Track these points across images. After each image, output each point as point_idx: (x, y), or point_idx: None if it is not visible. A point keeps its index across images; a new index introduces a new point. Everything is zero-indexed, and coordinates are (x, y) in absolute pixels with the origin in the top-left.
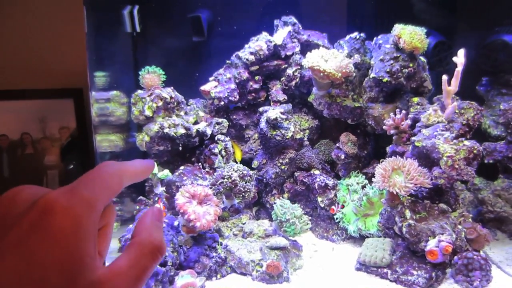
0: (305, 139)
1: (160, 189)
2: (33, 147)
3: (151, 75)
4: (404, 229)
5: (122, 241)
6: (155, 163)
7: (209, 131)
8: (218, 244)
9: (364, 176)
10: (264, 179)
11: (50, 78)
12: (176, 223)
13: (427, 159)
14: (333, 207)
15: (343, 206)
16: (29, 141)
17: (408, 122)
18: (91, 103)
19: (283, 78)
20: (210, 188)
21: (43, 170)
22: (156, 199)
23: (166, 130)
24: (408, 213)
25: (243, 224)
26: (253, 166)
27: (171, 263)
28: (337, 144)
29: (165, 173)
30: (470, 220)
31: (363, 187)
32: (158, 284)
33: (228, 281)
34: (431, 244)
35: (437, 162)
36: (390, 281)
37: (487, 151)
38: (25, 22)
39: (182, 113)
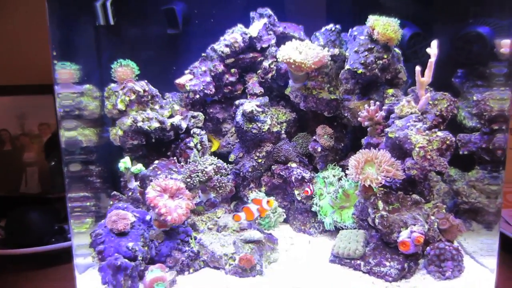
0: (283, 132)
1: (134, 184)
2: (12, 144)
3: (124, 68)
4: (376, 220)
5: (92, 236)
6: (129, 158)
7: (184, 125)
8: (192, 239)
9: (340, 169)
10: (241, 173)
11: (29, 73)
12: (148, 218)
13: (400, 150)
14: (306, 189)
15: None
16: (8, 138)
17: (383, 113)
18: (56, 97)
19: (259, 71)
20: (185, 182)
21: (22, 167)
22: (130, 193)
23: (139, 124)
24: (380, 204)
25: (218, 218)
26: (230, 159)
27: (142, 258)
28: (314, 137)
29: (139, 168)
30: (443, 211)
31: (339, 179)
32: (128, 279)
33: (201, 275)
34: (403, 235)
35: (410, 153)
36: (363, 272)
37: (462, 142)
38: (2, 18)
39: (157, 106)
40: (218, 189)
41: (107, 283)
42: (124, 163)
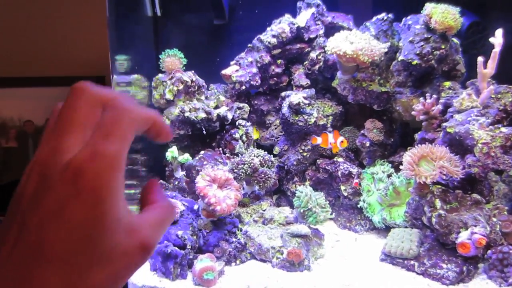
0: (329, 125)
1: (180, 173)
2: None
3: (172, 58)
4: (433, 220)
5: None
6: (176, 147)
7: (230, 116)
8: (238, 230)
9: (390, 165)
10: (286, 166)
11: (74, 65)
12: (195, 207)
13: (460, 146)
14: (356, 180)
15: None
16: (32, 129)
17: (439, 107)
18: (113, 87)
19: (306, 62)
20: (230, 173)
21: None
22: (176, 182)
23: (187, 114)
24: (438, 203)
25: (264, 210)
26: (274, 152)
27: (190, 246)
28: (362, 131)
29: (186, 157)
30: (505, 212)
31: (389, 176)
32: (177, 267)
33: (248, 267)
34: (463, 236)
35: (471, 150)
36: (417, 273)
37: None
38: (47, 8)
39: (202, 97)
40: (263, 181)
41: (156, 270)
42: (172, 152)
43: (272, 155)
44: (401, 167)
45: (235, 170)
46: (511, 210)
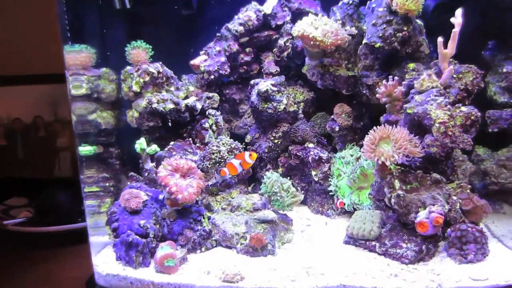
0: (300, 112)
1: (150, 165)
2: (46, 130)
3: (137, 50)
4: (392, 200)
5: (108, 214)
6: (145, 139)
7: (199, 106)
8: (204, 218)
9: (358, 148)
10: (258, 154)
11: (61, 63)
12: (161, 197)
13: (420, 127)
14: (340, 201)
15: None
16: (42, 124)
17: (402, 89)
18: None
19: (275, 50)
20: (200, 162)
21: (56, 152)
22: (146, 174)
23: (154, 105)
24: (397, 184)
25: (233, 198)
26: (246, 140)
27: (153, 235)
28: (332, 116)
29: (154, 148)
30: (468, 191)
31: (358, 159)
32: (139, 255)
33: (212, 254)
34: (421, 215)
35: (430, 130)
36: (379, 254)
37: (492, 119)
38: (30, 8)
39: (172, 88)
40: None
41: (120, 259)
42: (140, 144)
43: (245, 144)
44: (361, 149)
45: (204, 160)
46: (480, 189)
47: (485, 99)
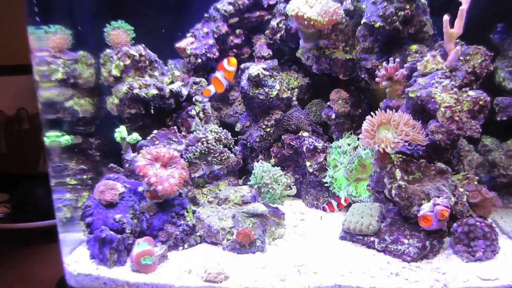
0: (294, 98)
1: (131, 155)
2: (30, 122)
3: (117, 31)
4: (393, 192)
5: (82, 208)
6: (125, 127)
7: (184, 91)
8: (188, 212)
9: (356, 137)
10: (249, 143)
11: None
12: (140, 189)
13: (423, 113)
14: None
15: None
16: (26, 117)
17: (404, 71)
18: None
19: (267, 31)
20: (185, 152)
21: (41, 145)
22: (127, 165)
23: (136, 91)
24: (398, 174)
25: (220, 191)
26: (236, 129)
27: (130, 231)
28: (328, 103)
29: (134, 137)
30: (475, 182)
31: (355, 148)
32: (114, 253)
33: (195, 251)
34: (425, 208)
35: (434, 115)
36: (378, 250)
37: (501, 106)
38: None
39: (156, 73)
40: (220, 158)
41: (94, 257)
42: (119, 132)
43: (235, 133)
44: (359, 136)
45: (189, 149)
46: (487, 182)
47: (493, 86)
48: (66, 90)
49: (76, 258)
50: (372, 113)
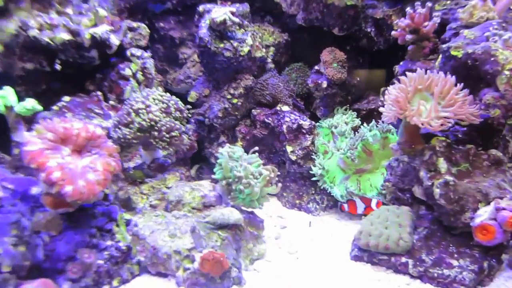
0: (269, 60)
1: (25, 135)
2: None
3: None
4: (436, 191)
5: None
6: (12, 90)
7: (115, 40)
8: (119, 225)
9: (355, 114)
10: (207, 120)
11: None
12: (34, 191)
13: (470, 78)
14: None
15: (379, 204)
16: None
17: (436, 21)
18: None
19: None
20: (115, 130)
21: None
22: (16, 151)
23: (33, 33)
24: (443, 165)
25: (169, 188)
26: (189, 99)
27: (10, 268)
28: (315, 67)
29: (29, 106)
30: None
31: (355, 129)
32: None
33: None
34: (483, 215)
35: (491, 81)
36: (412, 277)
37: None
38: None
39: (69, 10)
40: (168, 142)
41: None
42: (2, 98)
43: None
44: (382, 109)
45: (120, 126)
46: None
47: None
48: None
49: None
50: (408, 75)
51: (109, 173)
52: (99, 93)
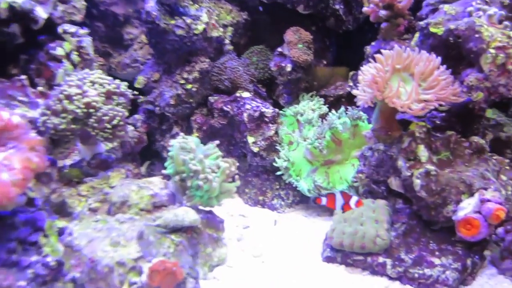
0: (227, 41)
1: None
2: None
3: None
4: (417, 182)
5: None
6: None
7: (42, 13)
8: (48, 234)
9: (322, 100)
10: (158, 108)
11: None
12: None
13: (449, 59)
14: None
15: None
16: None
17: None
18: None
19: None
20: (43, 119)
21: None
22: None
23: None
24: (423, 153)
25: (112, 187)
26: (137, 85)
27: None
28: (278, 49)
29: None
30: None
31: (322, 117)
32: None
33: None
34: (467, 207)
35: (475, 61)
36: (391, 278)
37: None
38: None
39: None
40: (111, 133)
41: None
42: None
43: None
44: (355, 91)
45: (50, 115)
46: None
47: None
48: None
49: None
50: (385, 53)
51: (29, 171)
52: (23, 77)
